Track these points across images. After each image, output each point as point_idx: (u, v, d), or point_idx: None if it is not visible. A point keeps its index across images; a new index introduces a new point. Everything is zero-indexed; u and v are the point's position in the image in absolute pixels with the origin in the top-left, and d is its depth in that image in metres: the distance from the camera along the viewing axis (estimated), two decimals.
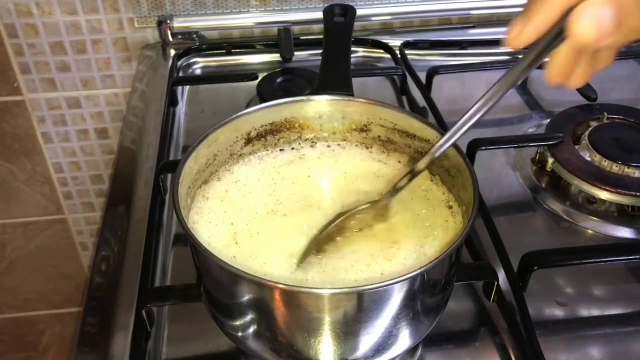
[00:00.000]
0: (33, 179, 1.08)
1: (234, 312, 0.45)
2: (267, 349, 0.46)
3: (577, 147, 0.70)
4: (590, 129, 0.72)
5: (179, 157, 0.75)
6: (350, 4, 0.82)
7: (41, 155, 1.05)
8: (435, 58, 0.94)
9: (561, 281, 0.58)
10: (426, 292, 0.44)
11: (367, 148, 0.58)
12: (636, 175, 0.66)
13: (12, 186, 1.08)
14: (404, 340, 0.46)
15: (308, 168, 0.57)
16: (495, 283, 0.54)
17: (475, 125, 0.44)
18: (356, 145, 0.58)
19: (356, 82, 0.65)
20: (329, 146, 0.59)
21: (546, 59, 0.39)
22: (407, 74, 0.86)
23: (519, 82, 0.42)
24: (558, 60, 0.37)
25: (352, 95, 0.62)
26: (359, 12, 0.81)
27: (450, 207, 0.52)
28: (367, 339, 0.43)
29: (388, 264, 0.47)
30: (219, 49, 0.94)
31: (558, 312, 0.55)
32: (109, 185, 0.96)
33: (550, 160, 0.69)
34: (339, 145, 0.59)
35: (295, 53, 0.90)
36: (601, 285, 0.58)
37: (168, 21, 0.93)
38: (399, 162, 0.57)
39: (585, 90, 0.77)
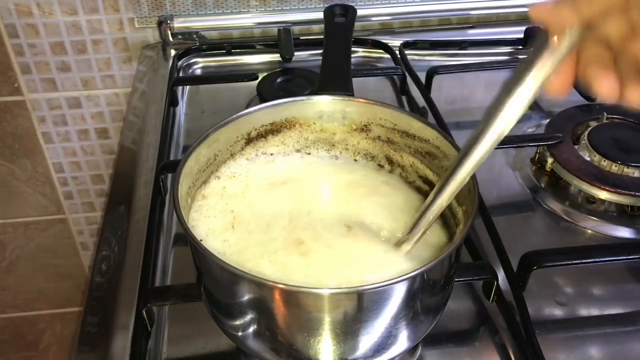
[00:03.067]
0: (33, 178, 1.08)
1: (234, 312, 0.45)
2: (267, 348, 0.46)
3: (576, 147, 0.70)
4: (590, 129, 0.72)
5: (179, 157, 0.75)
6: (351, 4, 0.82)
7: (42, 155, 1.06)
8: (435, 58, 0.94)
9: (561, 281, 0.58)
10: (426, 292, 0.44)
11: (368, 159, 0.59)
12: (635, 175, 0.66)
13: (12, 186, 1.08)
14: (404, 340, 0.46)
15: (308, 167, 0.57)
16: (495, 283, 0.54)
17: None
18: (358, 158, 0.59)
19: (356, 82, 0.66)
20: (331, 148, 0.59)
21: None
22: (406, 74, 0.86)
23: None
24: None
25: (352, 95, 0.62)
26: (359, 12, 0.82)
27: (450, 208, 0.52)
28: (367, 339, 0.44)
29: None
30: (219, 49, 0.94)
31: (557, 312, 0.56)
32: (109, 185, 0.96)
33: (550, 160, 0.69)
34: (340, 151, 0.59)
35: (295, 53, 0.90)
36: (601, 285, 0.58)
37: (168, 21, 0.93)
38: (399, 171, 0.57)
39: (585, 90, 0.77)
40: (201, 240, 0.49)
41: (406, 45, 0.93)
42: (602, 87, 0.34)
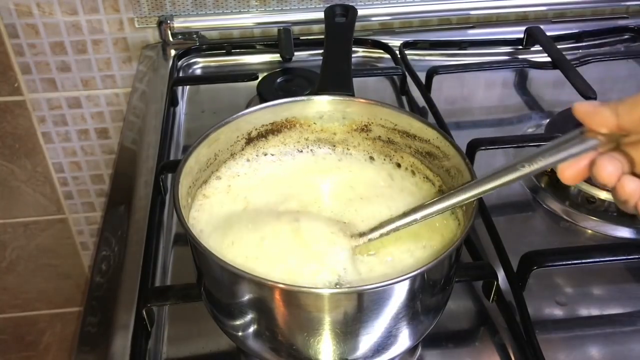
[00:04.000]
0: (33, 178, 1.08)
1: (234, 312, 0.45)
2: (267, 348, 0.46)
3: None
4: None
5: (180, 157, 0.75)
6: (351, 4, 0.82)
7: (42, 155, 1.06)
8: (435, 58, 0.94)
9: (561, 281, 0.58)
10: (426, 292, 0.44)
11: (371, 158, 0.58)
12: None
13: (12, 186, 1.08)
14: (404, 340, 0.46)
15: (308, 167, 0.57)
16: (495, 283, 0.54)
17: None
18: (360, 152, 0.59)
19: (356, 82, 0.65)
20: (333, 148, 0.59)
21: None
22: (406, 74, 0.86)
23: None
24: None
25: (352, 95, 0.62)
26: (359, 12, 0.81)
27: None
28: (367, 339, 0.44)
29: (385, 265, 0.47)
30: (219, 49, 0.94)
31: (557, 312, 0.56)
32: (109, 185, 0.96)
33: None
34: (342, 151, 0.59)
35: (295, 53, 0.90)
36: (601, 285, 0.58)
37: (168, 21, 0.93)
38: (401, 168, 0.57)
39: (585, 90, 0.77)
40: (201, 230, 0.49)
41: (406, 45, 0.93)
42: (602, 170, 0.37)
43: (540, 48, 0.90)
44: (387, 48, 0.92)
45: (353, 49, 0.87)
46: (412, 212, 0.45)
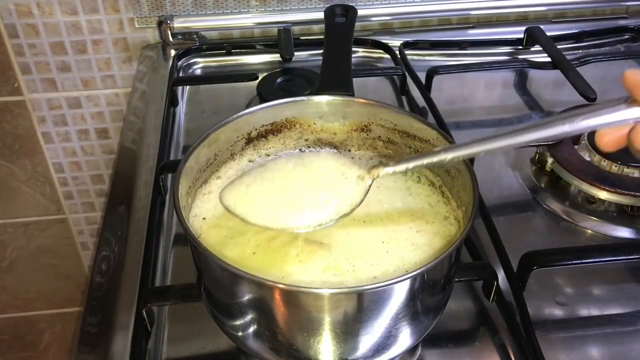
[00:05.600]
0: (33, 178, 1.08)
1: (234, 312, 0.45)
2: (267, 348, 0.46)
3: (576, 147, 0.70)
4: None
5: (179, 157, 0.75)
6: (351, 4, 0.82)
7: (42, 155, 1.06)
8: (435, 58, 0.94)
9: (561, 281, 0.58)
10: (426, 292, 0.44)
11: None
12: (635, 175, 0.66)
13: (12, 186, 1.08)
14: (404, 340, 0.46)
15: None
16: (495, 283, 0.54)
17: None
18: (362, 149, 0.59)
19: (356, 82, 0.65)
20: (335, 148, 0.59)
21: None
22: (406, 74, 0.86)
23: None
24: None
25: (352, 95, 0.62)
26: (359, 12, 0.81)
27: (450, 210, 0.52)
28: (367, 339, 0.44)
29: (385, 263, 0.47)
30: (219, 49, 0.94)
31: (557, 312, 0.56)
32: (109, 185, 0.96)
33: (550, 160, 0.69)
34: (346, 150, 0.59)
35: (295, 53, 0.91)
36: (601, 285, 0.58)
37: (168, 21, 0.93)
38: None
39: (585, 90, 0.77)
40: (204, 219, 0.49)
41: (406, 45, 0.93)
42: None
43: (540, 48, 0.90)
44: (387, 48, 0.92)
45: (353, 49, 0.87)
46: (442, 151, 0.42)
